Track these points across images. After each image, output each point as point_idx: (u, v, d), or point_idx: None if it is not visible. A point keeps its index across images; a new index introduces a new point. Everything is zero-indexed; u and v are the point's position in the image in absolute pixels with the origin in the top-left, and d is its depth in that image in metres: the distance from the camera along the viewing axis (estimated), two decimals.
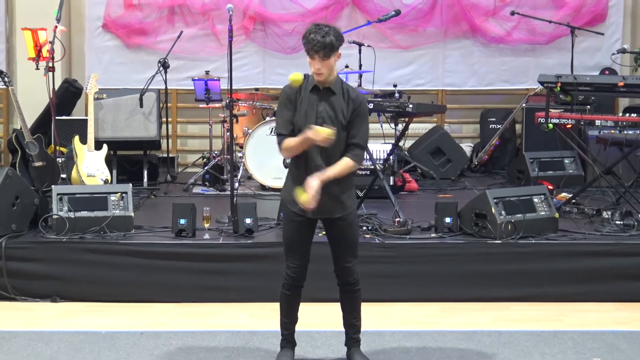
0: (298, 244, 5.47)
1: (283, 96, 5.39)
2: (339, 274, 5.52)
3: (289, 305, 5.61)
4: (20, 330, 6.39)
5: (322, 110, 5.29)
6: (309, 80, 5.38)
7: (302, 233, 5.46)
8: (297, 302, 5.61)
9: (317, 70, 5.25)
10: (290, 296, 5.57)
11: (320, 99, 5.32)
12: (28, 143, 9.05)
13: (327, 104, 5.30)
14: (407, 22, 11.46)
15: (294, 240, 5.48)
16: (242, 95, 10.42)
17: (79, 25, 11.56)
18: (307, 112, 5.30)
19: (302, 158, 5.34)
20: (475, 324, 6.63)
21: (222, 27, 11.18)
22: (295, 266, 5.47)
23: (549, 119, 8.19)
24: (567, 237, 7.45)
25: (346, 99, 5.33)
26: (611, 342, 6.18)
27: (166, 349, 6.01)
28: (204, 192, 9.76)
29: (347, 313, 5.64)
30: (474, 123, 11.89)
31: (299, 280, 5.51)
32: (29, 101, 10.22)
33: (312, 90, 5.33)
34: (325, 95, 5.32)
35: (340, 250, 5.48)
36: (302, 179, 5.28)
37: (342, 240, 5.47)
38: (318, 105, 5.31)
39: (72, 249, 7.18)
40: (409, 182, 9.83)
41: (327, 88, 5.32)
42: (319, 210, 5.31)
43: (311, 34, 5.20)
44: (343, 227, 5.45)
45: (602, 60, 11.47)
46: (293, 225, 5.46)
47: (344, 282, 5.53)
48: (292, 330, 5.68)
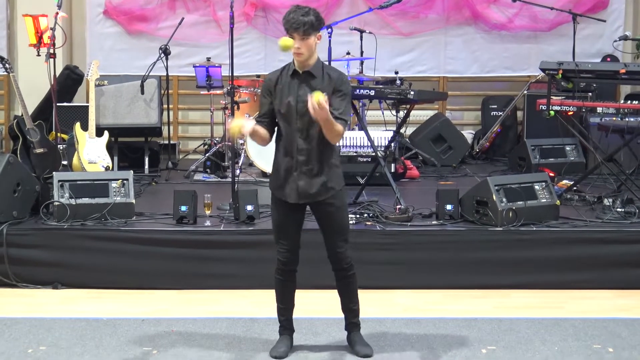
0: (286, 228, 5.48)
1: (264, 84, 5.46)
2: (332, 259, 5.53)
3: (284, 290, 5.62)
4: (21, 317, 6.40)
5: (302, 94, 5.28)
6: (288, 67, 5.40)
7: (289, 218, 5.46)
8: (292, 287, 5.62)
9: (297, 49, 5.25)
10: (283, 281, 5.58)
11: (300, 82, 5.33)
12: (29, 130, 9.05)
13: (308, 88, 5.28)
14: (409, 9, 11.43)
15: (281, 226, 5.49)
16: (243, 82, 10.41)
17: (80, 12, 11.54)
18: (288, 97, 5.31)
19: (285, 142, 5.37)
20: (476, 311, 6.64)
21: (224, 13, 11.16)
22: (284, 250, 5.49)
23: (551, 106, 8.18)
24: (568, 224, 7.45)
25: (326, 80, 5.33)
26: (612, 329, 6.19)
27: (167, 335, 6.02)
28: (205, 179, 9.76)
29: (344, 298, 5.65)
30: (476, 110, 11.89)
31: (291, 264, 5.53)
32: (30, 88, 10.22)
33: (292, 75, 5.35)
34: (306, 79, 5.33)
35: (330, 236, 5.48)
36: (286, 163, 5.35)
37: (331, 226, 5.47)
38: (298, 89, 5.31)
39: (73, 235, 7.19)
40: (410, 169, 9.83)
41: (307, 72, 5.33)
42: (301, 195, 5.35)
43: (291, 13, 5.26)
44: (331, 212, 5.44)
45: (604, 47, 11.45)
46: (279, 211, 5.47)
47: (338, 267, 5.54)
48: (288, 317, 5.70)
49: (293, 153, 5.33)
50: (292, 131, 5.32)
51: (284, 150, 5.38)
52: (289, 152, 5.35)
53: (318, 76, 5.33)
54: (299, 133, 5.31)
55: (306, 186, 5.34)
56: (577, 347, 5.83)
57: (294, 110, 5.30)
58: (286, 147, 5.36)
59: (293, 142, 5.33)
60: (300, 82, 5.33)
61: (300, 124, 5.30)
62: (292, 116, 5.31)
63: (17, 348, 5.78)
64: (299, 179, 5.34)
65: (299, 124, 5.30)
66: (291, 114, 5.31)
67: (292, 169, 5.35)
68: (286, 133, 5.35)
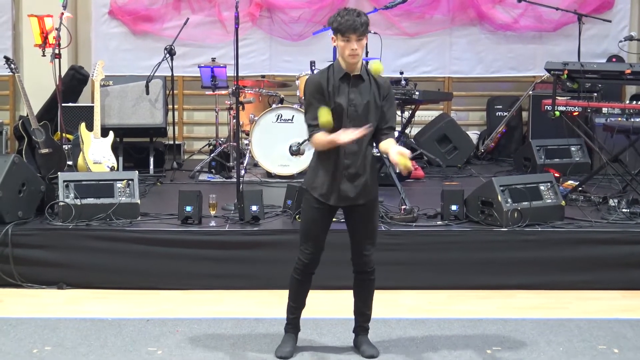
0: (315, 232, 5.46)
1: (311, 87, 5.34)
2: (357, 262, 5.53)
3: (299, 290, 5.60)
4: (26, 317, 6.40)
5: (353, 98, 5.28)
6: (333, 69, 5.35)
7: (321, 220, 5.45)
8: (307, 287, 5.61)
9: (354, 51, 5.21)
10: (300, 281, 5.56)
11: (351, 85, 5.31)
12: (34, 130, 9.06)
13: (358, 92, 5.30)
14: (414, 9, 11.43)
15: (312, 227, 5.46)
16: (248, 83, 10.41)
17: (85, 12, 11.55)
18: (339, 99, 5.28)
19: None
20: (481, 311, 6.63)
21: (229, 13, 11.16)
22: (309, 252, 5.47)
23: (556, 106, 8.18)
24: (573, 225, 7.44)
25: (374, 85, 5.34)
26: (617, 330, 6.18)
27: (172, 336, 6.02)
28: (210, 179, 9.76)
29: (360, 301, 5.65)
30: (481, 110, 11.88)
31: (312, 266, 5.51)
32: (35, 88, 10.23)
33: (341, 79, 5.30)
34: (355, 82, 5.32)
35: (360, 238, 5.48)
36: (331, 165, 5.32)
37: (363, 228, 5.47)
38: (349, 93, 5.30)
39: (79, 236, 7.19)
40: (415, 169, 9.82)
41: (357, 75, 5.32)
42: (342, 198, 5.35)
43: (343, 16, 5.20)
44: (365, 214, 5.46)
45: (610, 47, 11.43)
46: (313, 212, 5.44)
47: (360, 270, 5.54)
48: (297, 316, 5.69)
49: (339, 156, 5.31)
50: None
51: (328, 153, 5.32)
52: (334, 155, 5.31)
53: (366, 79, 5.33)
54: None
55: (349, 190, 5.34)
56: (583, 348, 5.83)
57: (345, 113, 5.28)
58: (331, 149, 5.30)
59: (341, 145, 5.27)
60: (350, 86, 5.31)
61: (350, 127, 5.24)
62: (342, 119, 5.28)
63: (22, 348, 5.78)
64: (342, 182, 5.33)
65: (348, 127, 5.24)
66: (341, 117, 5.27)
67: (337, 172, 5.33)
68: None
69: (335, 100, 5.28)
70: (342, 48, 5.24)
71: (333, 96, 5.29)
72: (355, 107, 5.27)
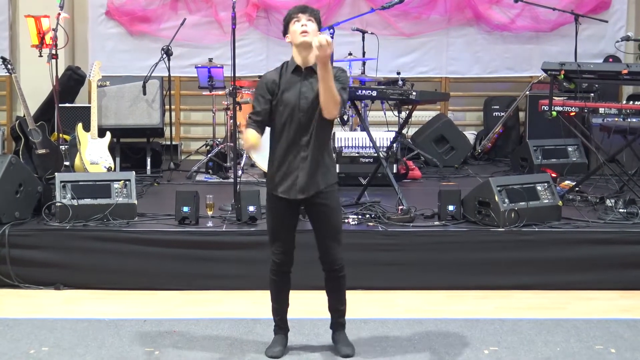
0: (281, 230, 5.48)
1: (262, 83, 5.40)
2: (324, 260, 5.52)
3: (278, 290, 5.63)
4: (23, 318, 6.40)
5: (304, 91, 5.31)
6: (287, 65, 5.41)
7: (285, 219, 5.47)
8: (286, 287, 5.63)
9: (304, 25, 5.29)
10: (277, 281, 5.59)
11: (302, 79, 5.34)
12: (31, 130, 9.06)
13: (309, 84, 5.31)
14: (411, 10, 11.44)
15: (276, 227, 5.49)
16: (245, 83, 10.40)
17: (82, 13, 11.55)
18: (290, 93, 5.31)
19: (285, 138, 5.35)
20: (478, 311, 6.64)
21: (226, 14, 11.18)
22: (279, 252, 5.50)
23: (553, 106, 8.18)
24: (570, 225, 7.45)
25: None
26: (614, 330, 6.18)
27: (169, 336, 6.02)
28: (207, 180, 9.76)
29: (333, 299, 5.66)
30: (478, 111, 11.89)
31: (285, 265, 5.54)
32: (32, 89, 10.23)
33: (293, 72, 5.35)
34: (308, 75, 5.34)
35: (324, 237, 5.47)
36: (286, 159, 5.35)
37: (324, 226, 5.46)
38: (301, 86, 5.32)
39: (76, 236, 7.19)
40: (412, 169, 9.83)
41: (309, 68, 5.33)
42: (300, 189, 5.34)
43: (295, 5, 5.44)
44: (325, 212, 5.44)
45: (606, 47, 11.45)
46: (276, 212, 5.47)
47: (329, 268, 5.54)
48: (282, 317, 5.71)
49: (293, 149, 5.34)
50: (293, 127, 5.31)
51: (283, 147, 5.36)
52: (288, 149, 5.34)
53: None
54: (301, 129, 5.31)
55: (306, 180, 5.34)
56: (580, 348, 5.83)
57: (296, 106, 5.30)
58: (287, 144, 5.34)
59: (294, 138, 5.32)
60: (302, 79, 5.34)
61: (304, 119, 5.29)
62: (294, 112, 5.30)
63: (19, 349, 5.77)
64: (299, 175, 5.34)
65: (302, 120, 5.30)
66: (294, 110, 5.30)
67: (292, 165, 5.35)
68: (287, 130, 5.33)
69: (286, 94, 5.30)
70: (294, 32, 5.33)
71: (284, 90, 5.32)
72: (307, 100, 5.29)
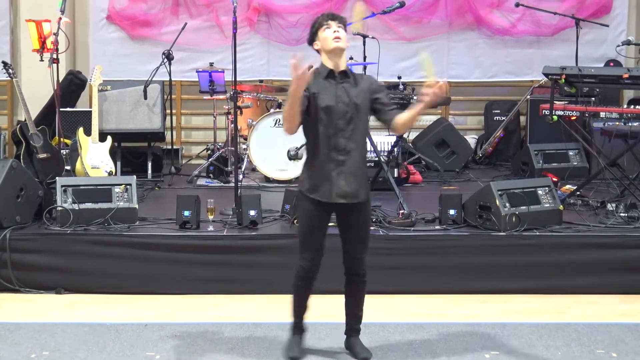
0: (314, 238, 5.44)
1: None
2: (349, 264, 5.53)
3: (302, 296, 5.62)
4: (24, 322, 6.40)
5: (340, 94, 5.31)
6: (318, 71, 5.38)
7: (319, 224, 5.43)
8: (310, 292, 5.61)
9: (335, 32, 5.31)
10: (302, 287, 5.57)
11: (336, 83, 5.34)
12: (32, 135, 9.06)
13: (344, 89, 5.33)
14: (412, 14, 11.46)
15: (310, 234, 5.44)
16: (246, 87, 10.42)
17: (83, 17, 11.56)
18: (326, 98, 5.29)
19: (323, 143, 5.31)
20: (479, 315, 6.63)
21: (227, 18, 11.19)
22: (310, 259, 5.46)
23: (554, 110, 8.19)
24: (572, 229, 7.45)
25: (358, 80, 5.39)
26: (615, 334, 6.18)
27: (170, 340, 6.01)
28: (208, 184, 9.76)
29: (351, 303, 5.66)
30: (479, 115, 11.89)
31: (313, 272, 5.51)
32: (33, 93, 10.22)
33: (327, 76, 5.34)
34: (341, 79, 5.35)
35: (353, 243, 5.49)
36: (324, 163, 5.31)
37: (357, 232, 5.48)
38: (337, 89, 5.32)
39: (77, 240, 7.19)
40: (413, 174, 9.83)
41: (342, 72, 5.36)
42: (339, 194, 5.32)
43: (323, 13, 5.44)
44: (359, 219, 5.47)
45: (607, 52, 11.46)
46: (310, 217, 5.42)
47: (353, 272, 5.54)
48: (302, 318, 5.71)
49: (333, 153, 5.31)
50: (332, 132, 5.29)
51: (322, 151, 5.32)
52: (327, 153, 5.31)
53: (351, 76, 5.38)
54: (340, 133, 5.30)
55: (346, 185, 5.32)
56: (581, 352, 5.83)
57: (334, 109, 5.28)
58: (324, 147, 5.31)
59: (333, 142, 5.30)
60: (336, 83, 5.34)
61: (341, 123, 5.29)
62: (332, 116, 5.28)
63: (20, 353, 5.77)
64: (338, 179, 5.32)
65: (340, 124, 5.29)
66: (331, 114, 5.28)
67: (331, 169, 5.32)
68: (325, 134, 5.30)
69: (321, 97, 5.29)
70: (325, 39, 5.33)
71: (319, 94, 5.29)
72: (343, 103, 5.29)
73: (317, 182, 5.36)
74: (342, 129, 5.29)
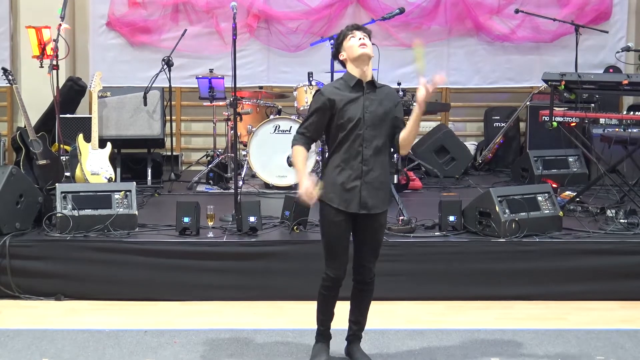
0: (340, 247, 5.40)
1: (319, 102, 5.36)
2: (358, 271, 5.51)
3: (328, 304, 5.56)
4: (24, 329, 6.39)
5: (367, 105, 5.31)
6: (344, 80, 5.39)
7: (343, 233, 5.40)
8: (335, 300, 5.55)
9: (361, 40, 5.34)
10: (327, 295, 5.51)
11: (363, 92, 5.34)
12: (32, 141, 9.06)
13: (371, 99, 5.35)
14: (411, 20, 11.46)
15: (335, 244, 5.40)
16: (246, 94, 10.43)
17: (83, 24, 11.57)
18: (353, 107, 5.30)
19: (348, 152, 5.32)
20: (479, 322, 6.63)
21: (226, 25, 11.20)
22: (337, 267, 5.41)
23: (553, 117, 8.19)
24: (571, 235, 7.45)
25: (385, 93, 5.42)
26: (615, 340, 6.17)
27: (170, 347, 6.01)
28: (208, 191, 9.76)
29: (357, 310, 5.63)
30: (478, 121, 11.90)
31: (339, 280, 5.46)
32: (33, 99, 10.23)
33: (354, 86, 5.34)
34: (368, 89, 5.36)
35: (366, 251, 5.48)
36: (348, 173, 5.31)
37: (371, 241, 5.48)
38: (364, 99, 5.33)
39: (76, 247, 7.18)
40: (412, 180, 9.83)
41: (369, 82, 5.38)
42: (362, 205, 5.32)
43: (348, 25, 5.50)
44: (375, 228, 5.46)
45: (607, 58, 11.47)
46: (334, 227, 5.38)
47: (361, 279, 5.53)
48: (328, 326, 5.65)
49: (357, 163, 5.31)
50: (356, 142, 5.30)
51: (345, 161, 5.33)
52: (351, 163, 5.32)
53: (377, 87, 5.41)
54: (364, 143, 5.30)
55: (368, 196, 5.33)
56: (580, 359, 5.82)
57: (361, 120, 5.29)
58: (349, 157, 5.32)
59: (357, 152, 5.31)
60: (363, 93, 5.35)
61: (367, 134, 5.30)
62: (359, 126, 5.28)
63: None
64: (361, 190, 5.32)
65: (365, 134, 5.29)
66: (358, 124, 5.28)
67: (355, 179, 5.32)
68: (349, 143, 5.31)
69: (348, 107, 5.30)
70: (351, 47, 5.35)
71: (345, 106, 5.30)
72: (371, 113, 5.31)
73: (340, 193, 5.33)
74: (367, 139, 5.31)
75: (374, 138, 5.33)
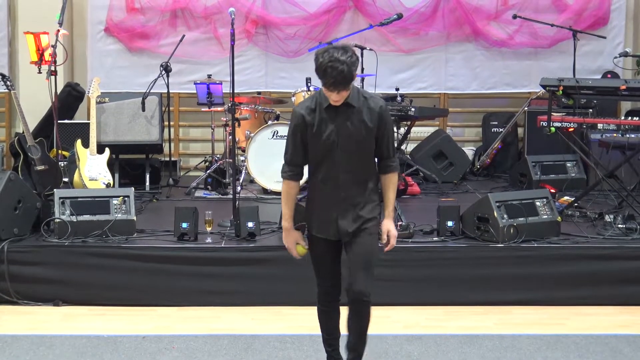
0: (326, 265, 5.24)
1: (295, 121, 5.08)
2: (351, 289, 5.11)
3: (328, 320, 5.35)
4: (22, 334, 6.39)
5: (341, 127, 4.98)
6: (320, 97, 5.05)
7: (328, 253, 5.22)
8: (337, 316, 5.34)
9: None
10: (326, 311, 5.32)
11: (338, 114, 5.00)
12: (30, 147, 9.06)
13: (348, 121, 5.00)
14: (409, 26, 11.46)
15: (321, 262, 5.25)
16: (244, 99, 10.43)
17: (81, 29, 11.56)
18: (327, 130, 5.01)
19: (325, 176, 5.07)
20: (477, 327, 6.63)
21: (225, 30, 11.19)
22: (327, 285, 5.26)
23: (551, 122, 8.19)
24: (570, 240, 7.45)
25: (366, 110, 5.02)
26: (614, 345, 6.18)
27: (168, 352, 6.01)
28: (206, 196, 9.76)
29: (353, 335, 5.25)
30: (476, 126, 11.89)
31: (334, 295, 5.28)
32: (31, 105, 10.22)
33: (327, 108, 5.01)
34: (344, 111, 5.00)
35: (357, 266, 5.12)
36: (327, 197, 5.08)
37: (360, 256, 5.12)
38: (337, 120, 5.00)
39: (75, 252, 7.18)
40: (411, 185, 9.83)
41: (345, 103, 4.99)
42: (342, 233, 5.12)
43: (327, 68, 4.83)
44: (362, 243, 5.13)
45: (605, 63, 11.47)
46: (318, 247, 5.22)
47: (355, 299, 5.11)
48: (335, 347, 5.40)
49: (334, 189, 5.06)
50: (333, 165, 5.03)
51: (323, 186, 5.10)
52: (328, 188, 5.07)
53: (357, 105, 5.01)
54: (341, 167, 5.03)
55: (346, 225, 5.08)
56: None
57: (335, 144, 5.00)
58: (325, 182, 5.08)
59: (334, 175, 5.05)
60: (338, 114, 5.00)
61: (343, 158, 5.02)
62: (333, 150, 5.01)
63: None
64: (339, 216, 5.08)
65: (341, 158, 5.01)
66: (333, 148, 5.01)
67: (333, 205, 5.09)
68: (326, 168, 5.06)
69: (322, 128, 5.01)
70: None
71: (319, 128, 5.01)
72: (346, 137, 4.99)
73: (319, 219, 5.15)
74: (342, 164, 5.04)
75: (351, 161, 5.03)
